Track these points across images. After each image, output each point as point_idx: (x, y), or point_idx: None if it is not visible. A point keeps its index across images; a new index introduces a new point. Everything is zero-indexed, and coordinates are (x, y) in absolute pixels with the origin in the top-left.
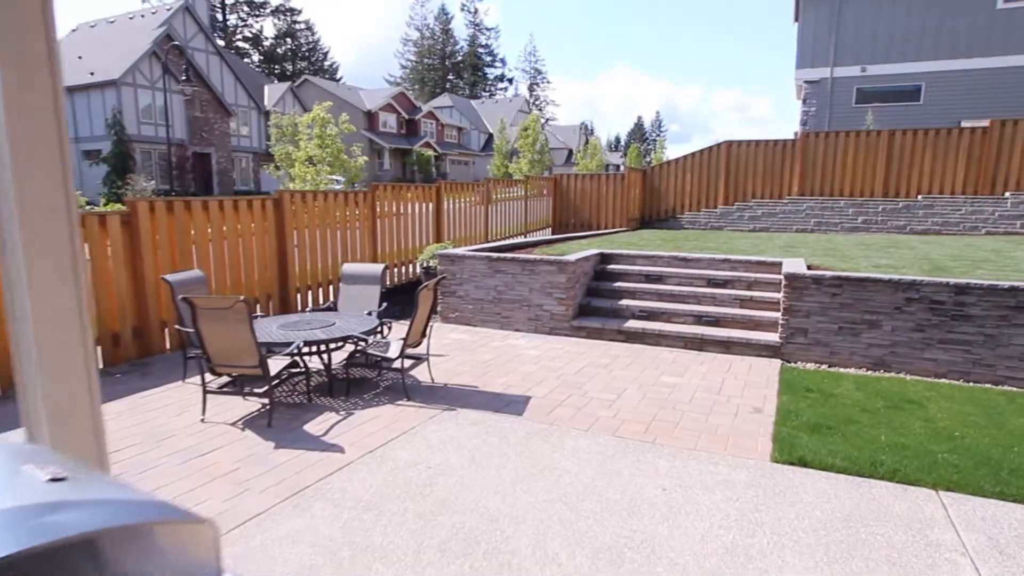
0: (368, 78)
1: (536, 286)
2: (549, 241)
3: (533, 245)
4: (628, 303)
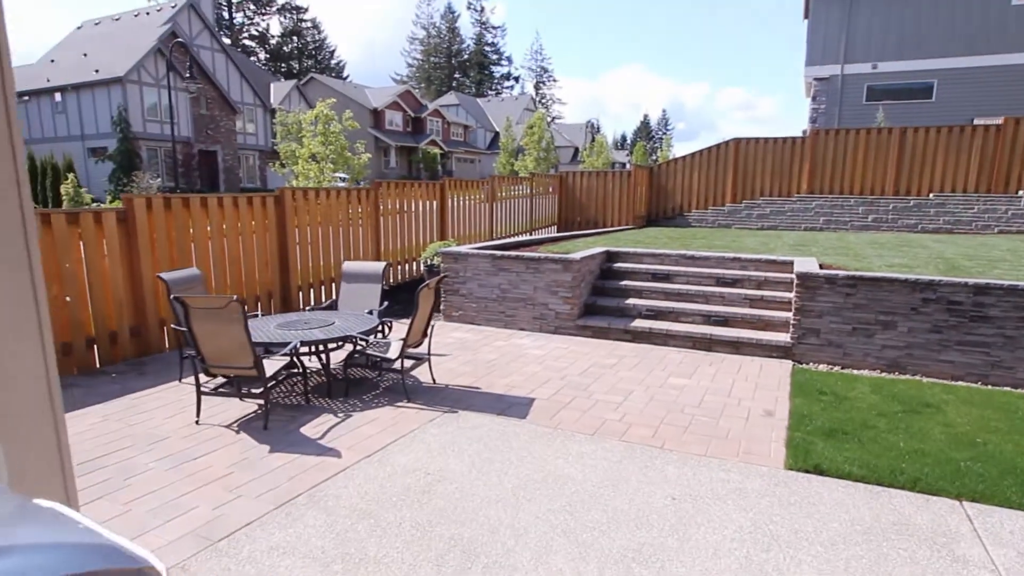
0: (374, 76)
1: (541, 284)
2: (554, 239)
3: (538, 243)
4: (635, 302)
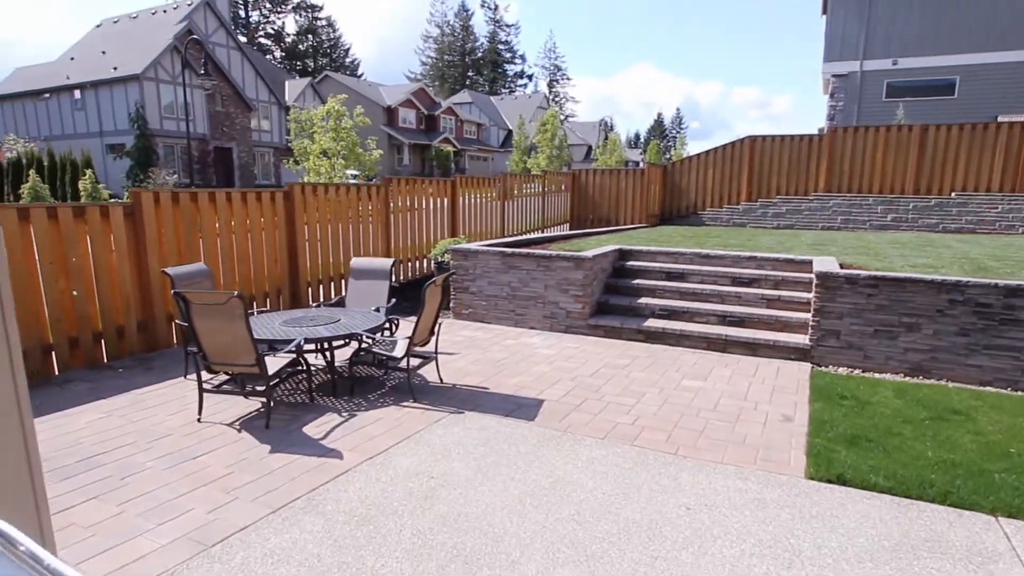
0: (388, 74)
1: (552, 283)
2: (566, 236)
3: (549, 240)
4: (648, 301)
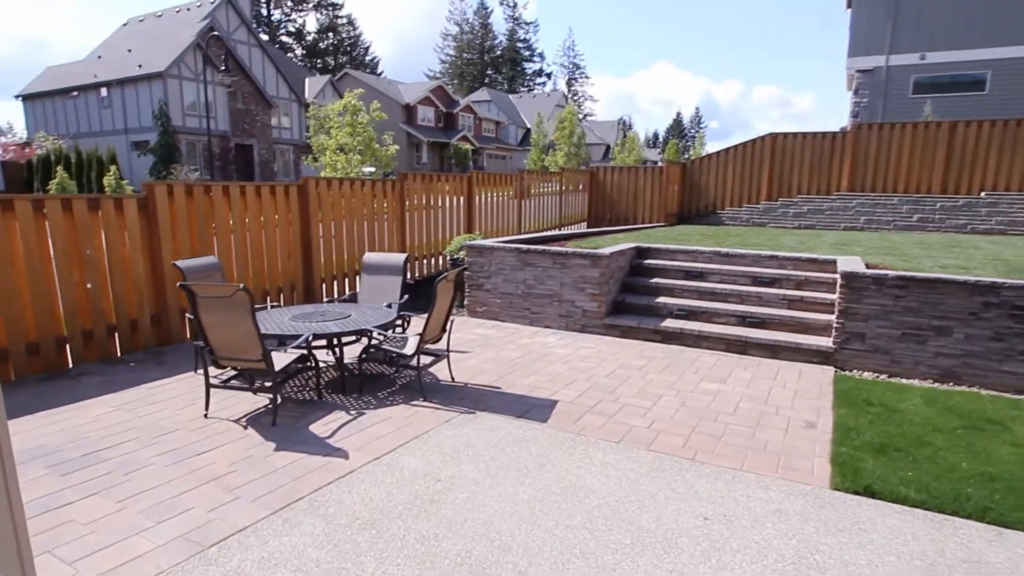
0: (408, 72)
1: (568, 281)
2: (583, 235)
3: (566, 238)
4: (666, 301)
